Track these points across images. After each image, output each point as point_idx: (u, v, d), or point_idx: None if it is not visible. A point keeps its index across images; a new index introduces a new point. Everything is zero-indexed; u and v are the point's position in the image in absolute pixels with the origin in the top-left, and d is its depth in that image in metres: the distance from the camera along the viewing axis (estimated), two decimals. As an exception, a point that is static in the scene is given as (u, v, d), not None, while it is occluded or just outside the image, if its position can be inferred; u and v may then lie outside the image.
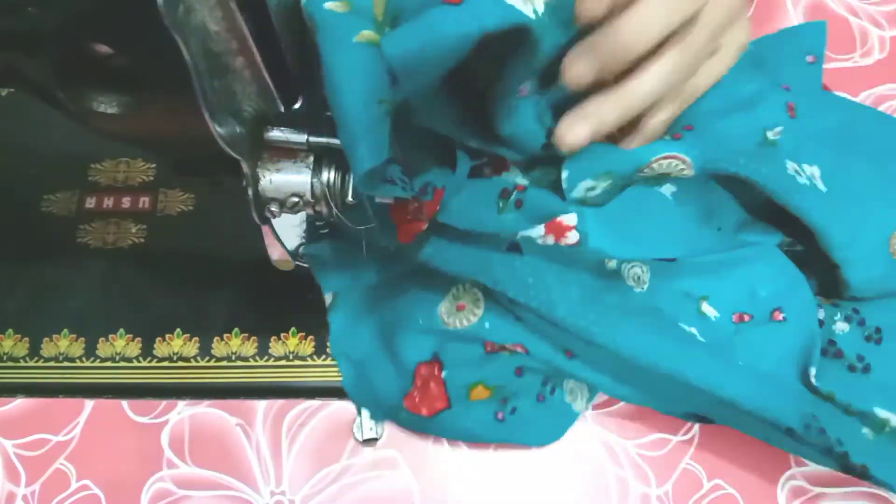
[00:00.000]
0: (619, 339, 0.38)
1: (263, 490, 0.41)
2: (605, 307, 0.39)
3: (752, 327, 0.40)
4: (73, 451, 0.42)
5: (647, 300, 0.40)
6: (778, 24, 0.53)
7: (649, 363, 0.38)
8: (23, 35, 0.27)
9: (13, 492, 0.41)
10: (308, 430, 0.43)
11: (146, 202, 0.47)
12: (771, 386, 0.38)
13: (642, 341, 0.38)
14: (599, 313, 0.38)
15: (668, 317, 0.40)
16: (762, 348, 0.40)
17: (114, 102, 0.29)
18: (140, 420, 0.43)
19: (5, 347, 0.43)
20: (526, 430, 0.41)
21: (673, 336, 0.39)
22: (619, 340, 0.38)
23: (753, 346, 0.40)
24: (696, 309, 0.40)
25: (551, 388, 0.41)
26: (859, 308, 0.42)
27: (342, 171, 0.35)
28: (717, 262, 0.41)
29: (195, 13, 0.27)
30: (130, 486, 0.42)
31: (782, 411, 0.37)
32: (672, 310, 0.40)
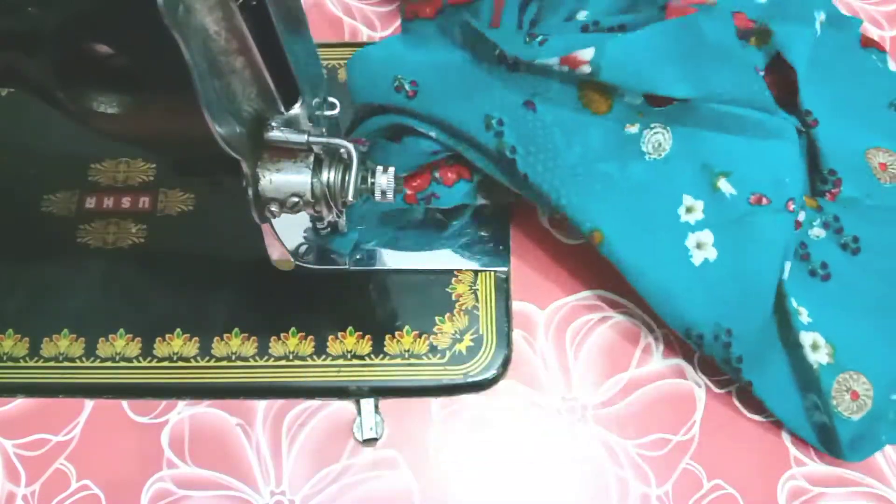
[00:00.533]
0: (586, 209, 0.41)
1: (263, 490, 0.41)
2: (596, 174, 0.42)
3: (765, 212, 0.41)
4: (73, 451, 0.42)
5: (653, 171, 0.42)
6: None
7: (605, 239, 0.41)
8: (23, 35, 0.27)
9: (13, 492, 0.41)
10: (308, 430, 0.43)
11: (146, 202, 0.47)
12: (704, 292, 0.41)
13: (606, 216, 0.41)
14: (587, 178, 0.41)
15: (662, 195, 0.42)
16: (765, 235, 0.41)
17: (114, 102, 0.29)
18: (140, 420, 0.43)
19: (5, 347, 0.43)
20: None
21: (643, 224, 0.41)
22: (585, 210, 0.41)
23: (758, 230, 0.41)
24: (710, 183, 0.42)
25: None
26: (840, 216, 0.43)
27: (342, 171, 0.35)
28: (753, 126, 0.42)
29: (195, 13, 0.27)
30: (130, 486, 0.42)
31: (699, 317, 0.40)
32: (681, 180, 0.42)
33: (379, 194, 0.37)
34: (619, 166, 0.42)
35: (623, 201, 0.42)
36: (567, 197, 0.41)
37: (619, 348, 0.45)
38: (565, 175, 0.41)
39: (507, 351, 0.44)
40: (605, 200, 0.42)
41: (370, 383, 0.43)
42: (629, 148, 0.42)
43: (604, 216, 0.41)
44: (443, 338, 0.44)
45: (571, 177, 0.41)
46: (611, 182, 0.42)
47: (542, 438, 0.43)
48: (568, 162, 0.41)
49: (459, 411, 0.43)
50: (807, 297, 0.41)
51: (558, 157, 0.41)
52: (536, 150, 0.41)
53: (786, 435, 0.43)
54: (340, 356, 0.43)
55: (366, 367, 0.43)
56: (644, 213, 0.42)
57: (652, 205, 0.42)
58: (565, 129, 0.42)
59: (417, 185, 0.44)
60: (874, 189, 0.44)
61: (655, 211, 0.42)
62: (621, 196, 0.42)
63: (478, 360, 0.43)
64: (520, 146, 0.41)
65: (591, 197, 0.41)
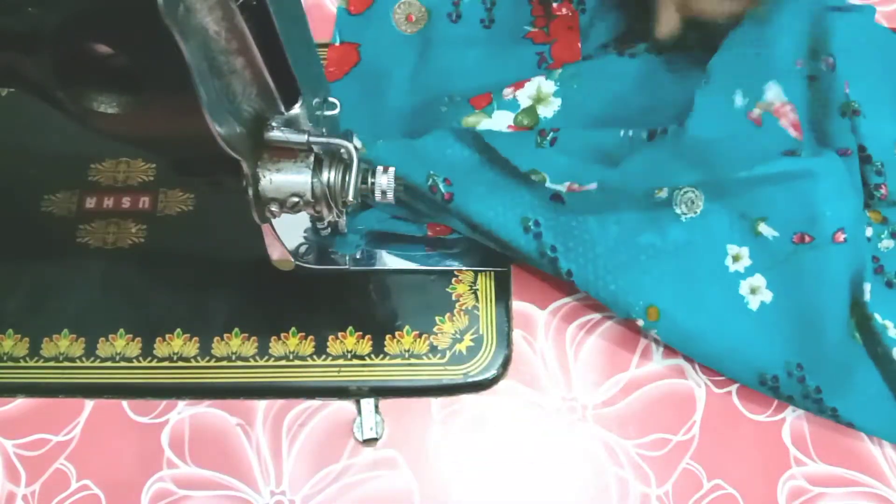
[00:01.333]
0: (638, 285, 0.41)
1: (263, 490, 0.41)
2: (638, 248, 0.42)
3: (811, 249, 0.41)
4: (73, 451, 0.42)
5: (693, 229, 0.42)
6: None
7: (661, 312, 0.41)
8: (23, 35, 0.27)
9: (13, 492, 0.41)
10: (308, 430, 0.43)
11: (146, 202, 0.47)
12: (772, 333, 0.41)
13: (659, 286, 0.41)
14: (630, 255, 0.41)
15: (707, 249, 0.42)
16: (817, 269, 0.41)
17: (114, 102, 0.29)
18: (140, 420, 0.43)
19: (5, 347, 0.43)
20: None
21: (695, 285, 0.42)
22: (637, 287, 0.41)
23: (808, 266, 0.41)
24: (750, 229, 0.42)
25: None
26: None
27: (342, 171, 0.35)
28: (781, 176, 0.41)
29: (195, 13, 0.27)
30: (130, 486, 0.42)
31: (768, 360, 0.40)
32: (721, 232, 0.42)
33: (379, 194, 0.37)
34: (659, 233, 0.42)
35: (671, 267, 0.42)
36: (615, 281, 0.41)
37: (619, 348, 0.45)
38: (608, 259, 0.41)
39: (507, 351, 0.44)
40: (654, 270, 0.41)
41: (370, 383, 0.43)
42: (663, 213, 0.42)
43: (657, 288, 0.41)
44: (443, 338, 0.44)
45: (614, 259, 0.41)
46: (655, 251, 0.42)
47: (542, 438, 0.43)
48: (608, 245, 0.41)
49: (459, 411, 0.43)
50: (891, 311, 0.41)
51: (597, 244, 0.41)
52: (575, 244, 0.41)
53: (786, 435, 0.43)
54: (340, 356, 0.43)
55: (366, 367, 0.43)
56: (693, 274, 0.42)
57: (699, 263, 0.42)
58: (597, 213, 0.42)
59: (440, 229, 0.44)
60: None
61: (704, 268, 0.42)
62: (669, 262, 0.42)
63: (478, 360, 0.43)
64: (559, 243, 0.41)
65: (639, 271, 0.41)
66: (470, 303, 0.44)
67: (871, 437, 0.43)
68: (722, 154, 0.42)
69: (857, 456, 0.43)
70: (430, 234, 0.45)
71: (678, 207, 0.42)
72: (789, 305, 0.41)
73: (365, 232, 0.45)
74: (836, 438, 0.43)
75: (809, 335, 0.41)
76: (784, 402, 0.42)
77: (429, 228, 0.45)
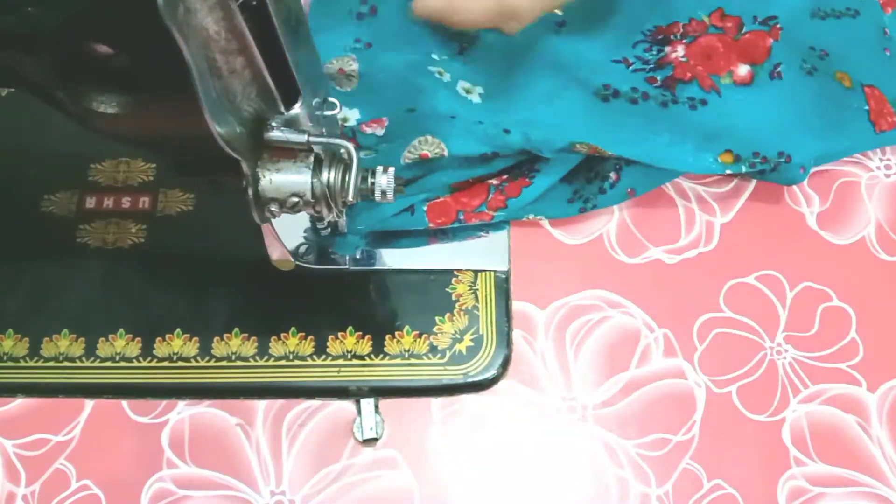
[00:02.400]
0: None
1: (263, 490, 0.41)
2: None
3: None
4: (73, 451, 0.42)
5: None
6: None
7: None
8: (23, 35, 0.27)
9: (13, 492, 0.41)
10: (308, 430, 0.43)
11: (146, 202, 0.47)
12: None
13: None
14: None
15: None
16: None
17: (114, 102, 0.29)
18: (140, 420, 0.43)
19: (5, 347, 0.43)
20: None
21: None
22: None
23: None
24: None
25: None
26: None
27: (342, 171, 0.35)
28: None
29: (195, 13, 0.27)
30: (130, 486, 0.42)
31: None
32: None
33: (379, 194, 0.37)
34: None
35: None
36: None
37: (619, 348, 0.45)
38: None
39: (507, 351, 0.44)
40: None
41: (370, 383, 0.43)
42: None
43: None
44: (443, 338, 0.44)
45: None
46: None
47: (542, 438, 0.43)
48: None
49: (459, 411, 0.43)
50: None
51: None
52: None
53: (786, 435, 0.43)
54: (340, 356, 0.43)
55: (366, 367, 0.43)
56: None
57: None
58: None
59: (441, 221, 0.45)
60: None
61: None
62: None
63: (478, 360, 0.43)
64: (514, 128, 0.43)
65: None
66: (470, 303, 0.44)
67: (871, 436, 0.43)
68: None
69: (857, 456, 0.43)
70: (432, 225, 0.45)
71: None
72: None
73: (365, 232, 0.45)
74: (836, 438, 0.43)
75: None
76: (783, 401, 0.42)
77: (429, 219, 0.44)
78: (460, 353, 0.43)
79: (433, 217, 0.44)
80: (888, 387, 0.44)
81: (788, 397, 0.44)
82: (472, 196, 0.44)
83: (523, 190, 0.44)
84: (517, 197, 0.44)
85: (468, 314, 0.44)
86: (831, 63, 0.42)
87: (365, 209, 0.44)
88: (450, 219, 0.44)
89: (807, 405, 0.43)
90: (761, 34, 0.42)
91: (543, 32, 0.46)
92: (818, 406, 0.43)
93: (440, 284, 0.45)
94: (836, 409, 0.43)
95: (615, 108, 0.44)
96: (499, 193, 0.44)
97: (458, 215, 0.44)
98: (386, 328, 0.44)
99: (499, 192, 0.44)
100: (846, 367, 0.44)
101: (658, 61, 0.45)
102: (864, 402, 0.44)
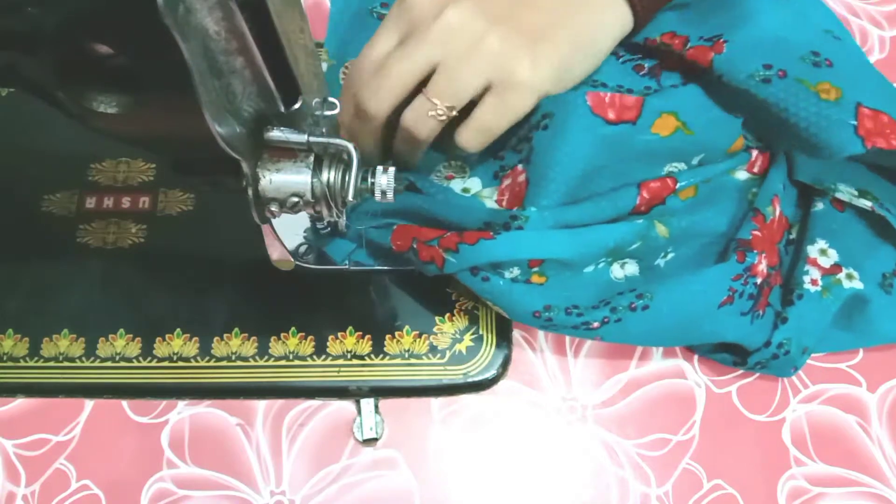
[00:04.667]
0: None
1: (263, 490, 0.41)
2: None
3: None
4: (73, 451, 0.42)
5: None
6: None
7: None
8: (23, 35, 0.27)
9: (13, 492, 0.41)
10: (308, 430, 0.43)
11: (146, 202, 0.47)
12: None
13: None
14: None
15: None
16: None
17: (114, 102, 0.29)
18: (140, 420, 0.43)
19: (5, 347, 0.43)
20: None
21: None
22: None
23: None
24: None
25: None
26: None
27: (342, 171, 0.35)
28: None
29: (195, 13, 0.27)
30: (130, 486, 0.42)
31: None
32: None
33: (379, 194, 0.37)
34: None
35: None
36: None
37: (619, 348, 0.45)
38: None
39: (507, 351, 0.44)
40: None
41: (370, 383, 0.43)
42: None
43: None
44: (443, 338, 0.44)
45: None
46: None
47: (542, 438, 0.43)
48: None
49: (459, 411, 0.43)
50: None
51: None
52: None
53: (786, 435, 0.43)
54: (340, 356, 0.43)
55: (366, 367, 0.43)
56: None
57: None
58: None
59: (401, 244, 0.42)
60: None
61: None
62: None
63: (478, 360, 0.43)
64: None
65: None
66: (470, 303, 0.44)
67: (871, 436, 0.43)
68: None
69: (857, 456, 0.43)
70: (393, 246, 0.42)
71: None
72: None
73: (358, 235, 0.44)
74: (836, 438, 0.43)
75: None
76: (783, 401, 0.42)
77: (391, 238, 0.42)
78: (460, 353, 0.43)
79: (395, 237, 0.42)
80: (888, 387, 0.44)
81: (788, 397, 0.44)
82: (433, 230, 0.41)
83: (480, 241, 0.39)
84: (472, 245, 0.39)
85: (468, 314, 0.44)
86: (820, 74, 0.41)
87: (364, 202, 0.43)
88: (406, 244, 0.41)
89: (807, 405, 0.43)
90: (703, 49, 0.42)
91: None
92: (818, 406, 0.44)
93: (440, 284, 0.45)
94: (836, 409, 0.43)
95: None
96: (455, 235, 0.40)
97: (413, 242, 0.41)
98: (386, 328, 0.44)
99: (456, 234, 0.40)
100: (846, 367, 0.44)
101: (645, 43, 0.45)
102: (864, 402, 0.44)
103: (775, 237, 0.43)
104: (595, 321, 0.40)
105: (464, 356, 0.43)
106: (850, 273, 0.42)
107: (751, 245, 0.41)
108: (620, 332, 0.40)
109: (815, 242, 0.43)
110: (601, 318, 0.40)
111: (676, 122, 0.41)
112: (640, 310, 0.40)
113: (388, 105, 0.39)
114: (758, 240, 0.42)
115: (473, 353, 0.43)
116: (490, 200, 0.42)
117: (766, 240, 0.42)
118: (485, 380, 0.43)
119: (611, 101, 0.40)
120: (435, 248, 0.40)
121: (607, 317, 0.40)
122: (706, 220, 0.44)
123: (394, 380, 0.43)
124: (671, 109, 0.41)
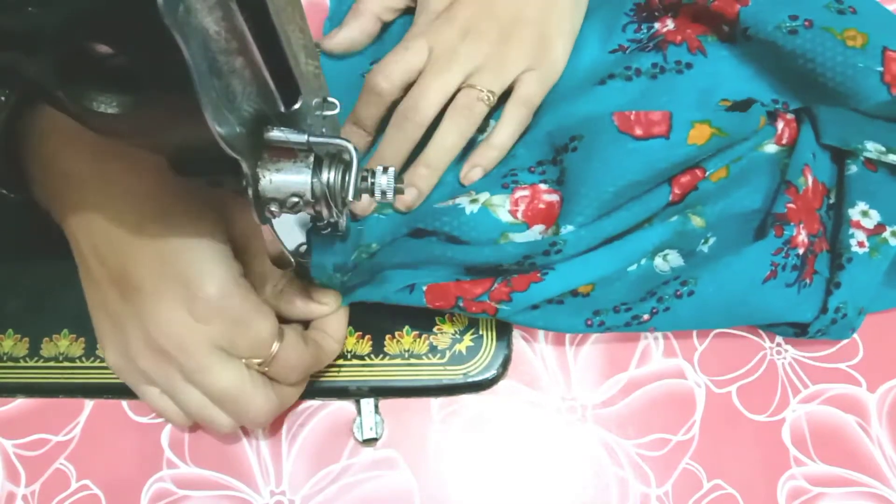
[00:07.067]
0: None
1: (263, 490, 0.41)
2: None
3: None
4: (73, 451, 0.42)
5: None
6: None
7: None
8: (23, 35, 0.27)
9: (13, 492, 0.41)
10: (308, 430, 0.43)
11: (146, 202, 0.47)
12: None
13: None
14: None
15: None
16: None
17: (114, 102, 0.29)
18: (140, 420, 0.43)
19: (5, 347, 0.43)
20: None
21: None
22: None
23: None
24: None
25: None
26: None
27: (342, 171, 0.35)
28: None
29: (195, 13, 0.26)
30: (130, 486, 0.42)
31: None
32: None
33: (379, 194, 0.37)
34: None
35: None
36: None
37: (619, 348, 0.45)
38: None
39: (507, 351, 0.44)
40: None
41: (370, 383, 0.43)
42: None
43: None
44: (443, 338, 0.44)
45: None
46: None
47: (542, 438, 0.43)
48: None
49: (459, 411, 0.43)
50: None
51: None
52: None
53: (786, 435, 0.43)
54: (340, 356, 0.43)
55: (366, 367, 0.43)
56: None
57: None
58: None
59: (441, 304, 0.41)
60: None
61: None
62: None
63: (478, 360, 0.43)
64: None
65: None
66: (470, 303, 0.44)
67: (870, 436, 0.43)
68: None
69: (857, 456, 0.43)
70: (430, 306, 0.41)
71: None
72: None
73: (350, 266, 0.43)
74: (836, 438, 0.43)
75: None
76: (783, 401, 0.42)
77: (427, 300, 0.40)
78: (460, 353, 0.43)
79: (431, 299, 0.40)
80: (888, 387, 0.44)
81: (788, 397, 0.44)
82: (476, 284, 0.40)
83: (531, 285, 0.39)
84: (523, 292, 0.39)
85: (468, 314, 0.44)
86: (845, 21, 0.41)
87: (367, 283, 0.42)
88: (448, 303, 0.40)
89: (807, 405, 0.43)
90: (729, 1, 0.42)
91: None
92: (818, 406, 0.44)
93: (440, 284, 0.45)
94: (836, 409, 0.43)
95: (609, 97, 0.44)
96: (504, 284, 0.40)
97: (458, 301, 0.40)
98: (386, 328, 0.44)
99: (504, 283, 0.40)
100: (846, 367, 0.44)
101: (651, 37, 0.45)
102: (864, 402, 0.44)
103: (813, 205, 0.43)
104: (644, 314, 0.40)
105: (464, 356, 0.43)
106: (894, 231, 0.43)
107: (787, 218, 0.42)
108: (672, 320, 0.41)
109: (855, 205, 0.43)
110: (650, 309, 0.40)
111: (711, 129, 0.41)
112: (686, 296, 0.40)
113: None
114: (793, 212, 0.42)
115: (473, 353, 0.43)
116: (503, 209, 0.42)
117: (802, 210, 0.42)
118: (485, 380, 0.43)
119: (636, 118, 0.41)
120: (487, 303, 0.40)
121: (655, 307, 0.40)
122: (740, 199, 0.44)
123: (394, 380, 0.43)
124: (703, 118, 0.41)
